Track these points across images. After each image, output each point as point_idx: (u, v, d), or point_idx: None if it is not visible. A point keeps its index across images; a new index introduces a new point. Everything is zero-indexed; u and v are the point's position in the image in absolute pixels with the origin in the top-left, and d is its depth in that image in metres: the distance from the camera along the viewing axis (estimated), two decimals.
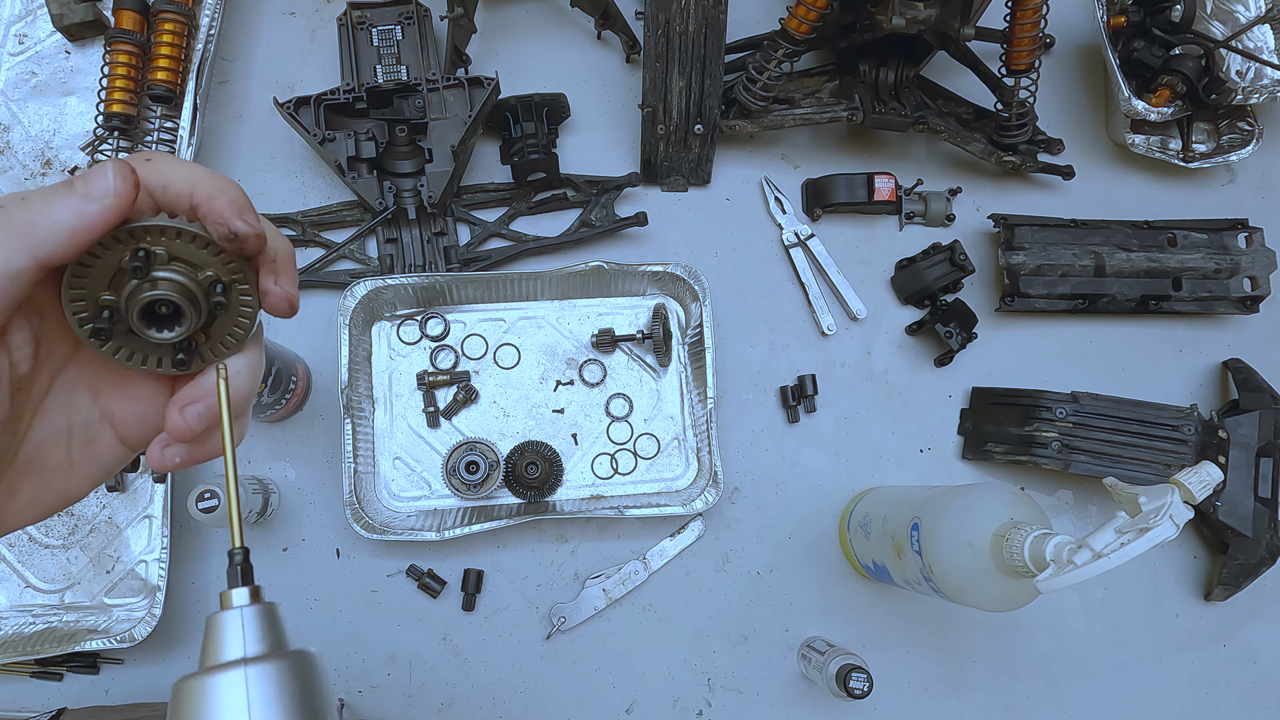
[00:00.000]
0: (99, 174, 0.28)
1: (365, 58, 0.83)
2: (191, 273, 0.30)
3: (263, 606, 0.29)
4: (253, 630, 0.28)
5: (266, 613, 0.29)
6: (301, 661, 0.28)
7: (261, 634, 0.28)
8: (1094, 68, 0.96)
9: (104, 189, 0.28)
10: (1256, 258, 0.87)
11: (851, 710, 0.80)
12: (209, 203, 0.29)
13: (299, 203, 0.85)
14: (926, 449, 0.85)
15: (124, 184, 0.28)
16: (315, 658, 0.29)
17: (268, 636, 0.28)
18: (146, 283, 0.29)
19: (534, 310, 0.83)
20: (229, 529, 0.29)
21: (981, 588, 0.59)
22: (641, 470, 0.81)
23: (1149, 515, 0.50)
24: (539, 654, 0.79)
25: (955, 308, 0.85)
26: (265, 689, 0.27)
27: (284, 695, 0.27)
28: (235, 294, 0.31)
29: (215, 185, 0.30)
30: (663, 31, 0.78)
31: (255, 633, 0.28)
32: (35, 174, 0.82)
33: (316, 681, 0.28)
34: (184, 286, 0.30)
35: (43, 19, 0.85)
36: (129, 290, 0.29)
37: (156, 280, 0.29)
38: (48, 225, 0.27)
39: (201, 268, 0.30)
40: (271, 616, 0.29)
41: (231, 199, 0.30)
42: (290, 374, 0.75)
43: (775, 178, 0.89)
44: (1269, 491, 0.81)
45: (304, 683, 0.28)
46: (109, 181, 0.28)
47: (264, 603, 0.29)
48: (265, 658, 0.27)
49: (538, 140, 0.83)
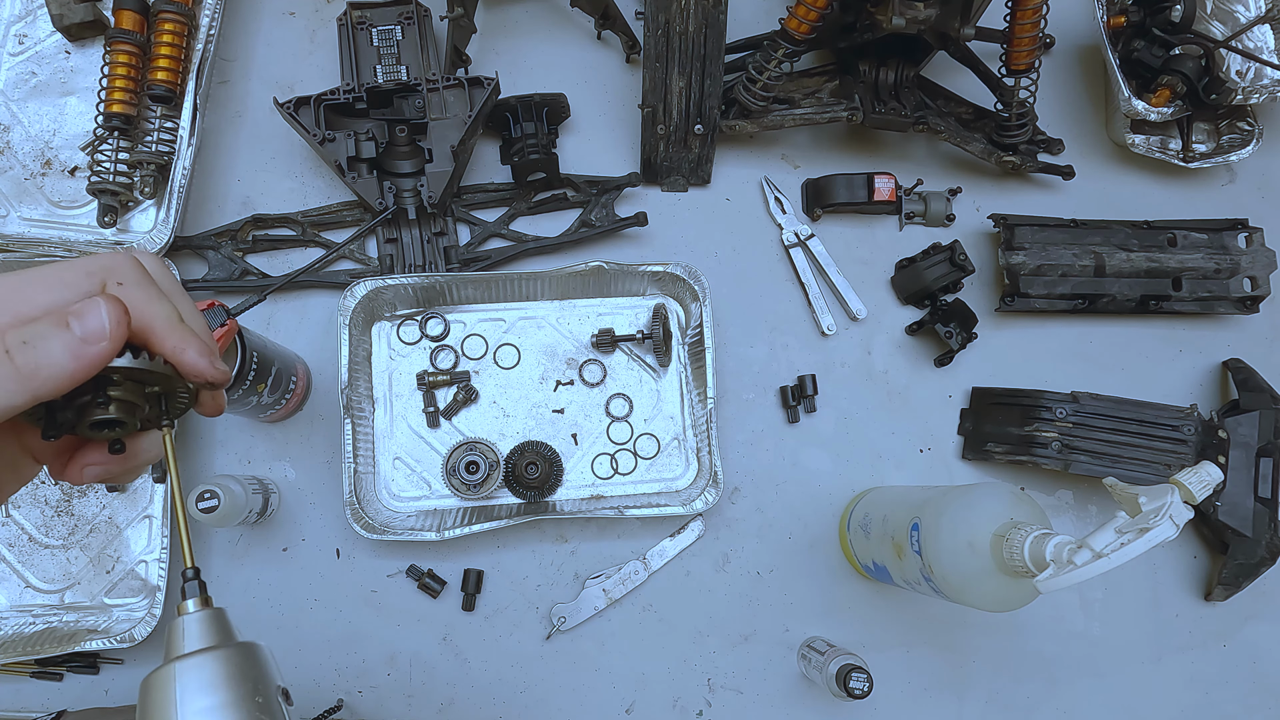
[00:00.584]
0: (93, 314, 0.29)
1: (365, 58, 0.83)
2: (139, 390, 0.33)
3: (207, 612, 0.33)
4: (193, 632, 0.32)
5: (210, 617, 0.33)
6: (236, 652, 0.32)
7: (201, 634, 0.32)
8: (1094, 68, 0.96)
9: (100, 332, 0.29)
10: (1256, 258, 0.87)
11: (851, 710, 0.80)
12: (179, 354, 0.32)
13: (299, 203, 0.85)
14: (926, 449, 0.85)
15: (119, 328, 0.30)
16: (256, 648, 0.33)
17: (209, 635, 0.32)
18: (101, 404, 0.32)
19: (534, 310, 0.83)
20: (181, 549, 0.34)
21: (981, 588, 0.59)
22: (641, 470, 0.81)
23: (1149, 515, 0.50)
24: (539, 654, 0.79)
25: (955, 308, 0.85)
26: (190, 677, 0.31)
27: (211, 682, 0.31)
28: (175, 401, 0.35)
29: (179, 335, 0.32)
30: (663, 31, 0.78)
31: (195, 634, 0.32)
32: (35, 174, 0.82)
33: (251, 667, 0.32)
34: (131, 405, 0.33)
35: (43, 19, 0.85)
36: (82, 403, 0.32)
37: (109, 399, 0.32)
38: (49, 370, 0.29)
39: (149, 385, 0.33)
40: (216, 620, 0.33)
41: (199, 349, 0.32)
42: (290, 374, 0.75)
43: (775, 178, 0.89)
44: (1269, 491, 0.81)
45: (235, 669, 0.31)
46: (104, 325, 0.29)
47: (210, 609, 0.33)
48: (197, 653, 0.31)
49: (538, 140, 0.83)
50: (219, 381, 0.33)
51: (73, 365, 0.29)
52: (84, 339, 0.29)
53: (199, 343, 0.33)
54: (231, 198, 0.85)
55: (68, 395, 0.31)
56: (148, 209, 0.82)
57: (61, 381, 0.29)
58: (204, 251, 0.82)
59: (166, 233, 0.78)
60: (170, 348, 0.32)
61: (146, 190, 0.80)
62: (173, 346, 0.32)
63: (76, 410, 0.32)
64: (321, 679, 0.77)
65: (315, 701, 0.77)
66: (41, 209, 0.82)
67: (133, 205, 0.82)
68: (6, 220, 0.81)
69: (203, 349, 0.32)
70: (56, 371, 0.29)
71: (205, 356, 0.33)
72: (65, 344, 0.29)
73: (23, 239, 0.79)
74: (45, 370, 0.28)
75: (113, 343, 0.30)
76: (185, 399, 0.35)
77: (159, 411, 0.34)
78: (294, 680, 0.77)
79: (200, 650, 0.31)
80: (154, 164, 0.80)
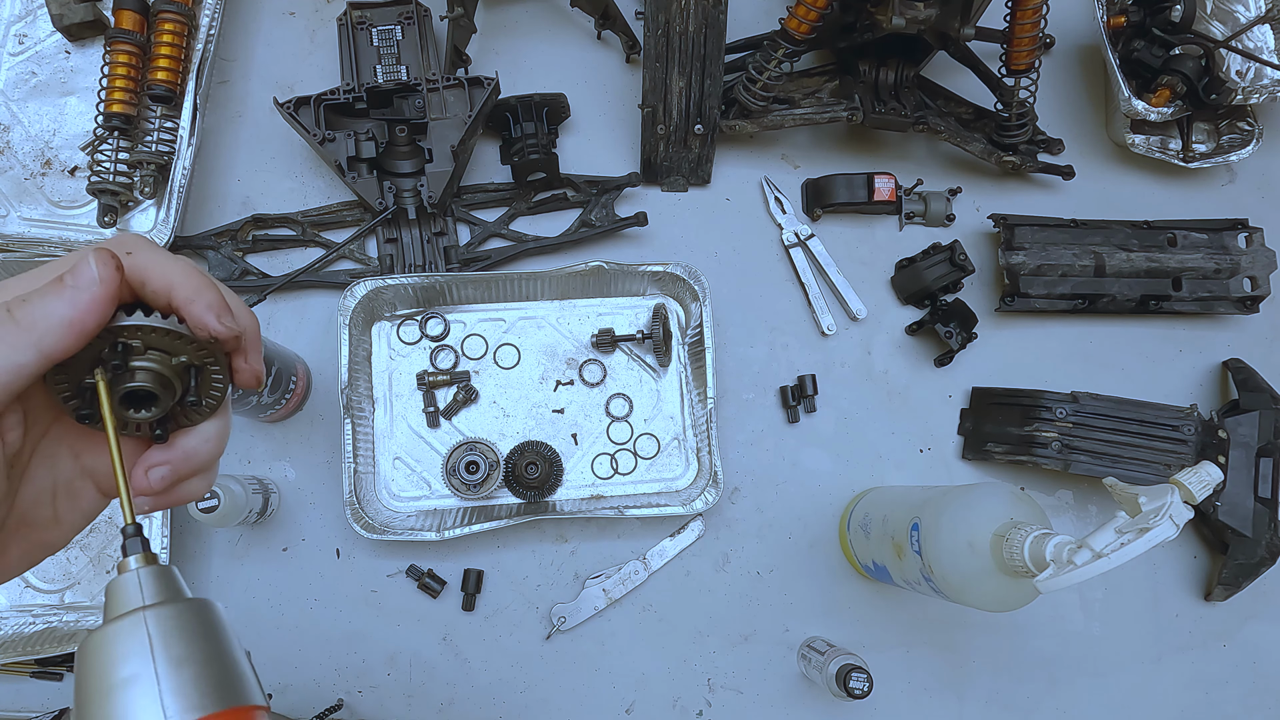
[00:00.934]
0: (83, 264, 0.30)
1: (365, 58, 0.83)
2: (166, 360, 0.32)
3: (158, 567, 0.30)
4: (150, 585, 0.29)
5: (163, 572, 0.30)
6: (201, 607, 0.29)
7: (159, 589, 0.30)
8: (1094, 68, 0.96)
9: (90, 277, 0.29)
10: (1256, 258, 0.87)
11: (851, 710, 0.80)
12: (187, 305, 0.32)
13: (299, 203, 0.85)
14: (926, 449, 0.85)
15: (108, 270, 0.30)
16: (213, 605, 0.30)
17: (166, 590, 0.30)
18: (126, 372, 0.32)
19: (534, 310, 0.83)
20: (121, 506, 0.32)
21: (981, 588, 0.59)
22: (641, 470, 0.81)
23: (1149, 515, 0.50)
24: (539, 654, 0.79)
25: (955, 308, 0.85)
26: (167, 627, 0.28)
27: (187, 631, 0.28)
28: (207, 374, 0.34)
29: (192, 288, 0.32)
30: (663, 31, 0.78)
31: (152, 587, 0.29)
32: (35, 174, 0.82)
33: (219, 624, 0.30)
34: (159, 374, 0.32)
35: (43, 19, 0.85)
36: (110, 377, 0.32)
37: (134, 370, 0.32)
38: (48, 321, 0.29)
39: (176, 354, 0.33)
40: (169, 575, 0.30)
41: (209, 302, 0.32)
42: (290, 374, 0.75)
43: (775, 178, 0.89)
44: (1269, 491, 0.81)
45: (204, 623, 0.29)
46: (93, 270, 0.30)
47: (160, 565, 0.31)
48: (164, 603, 0.29)
49: (538, 140, 0.83)
50: (225, 337, 0.32)
51: (69, 312, 0.29)
52: (76, 287, 0.29)
53: (211, 296, 0.32)
54: (231, 198, 0.85)
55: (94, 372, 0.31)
56: (148, 209, 0.82)
57: (61, 332, 0.29)
58: (204, 251, 0.82)
59: (166, 233, 0.78)
60: (180, 299, 0.32)
61: (146, 190, 0.80)
62: (183, 297, 0.32)
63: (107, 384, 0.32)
64: (321, 679, 0.77)
65: (315, 701, 0.77)
66: (41, 209, 0.82)
67: (133, 205, 0.82)
68: (6, 220, 0.81)
69: (214, 302, 0.32)
70: (56, 321, 0.29)
71: (214, 309, 0.32)
72: (59, 294, 0.29)
73: (23, 239, 0.79)
74: (44, 321, 0.29)
75: (104, 285, 0.30)
76: (218, 374, 0.34)
77: (192, 388, 0.33)
78: (294, 680, 0.77)
79: (167, 602, 0.29)
80: (154, 164, 0.80)
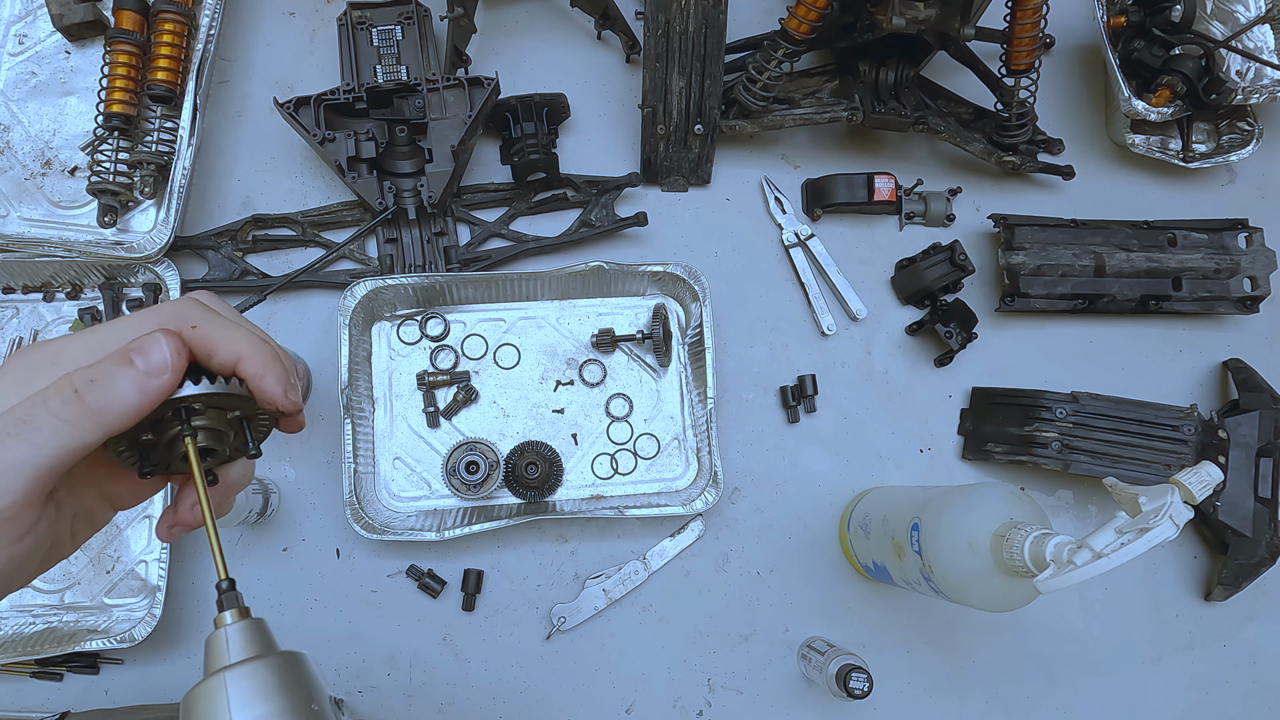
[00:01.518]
0: (154, 348, 0.31)
1: (365, 58, 0.83)
2: (222, 416, 0.34)
3: (248, 622, 0.32)
4: (236, 642, 0.31)
5: (252, 626, 0.32)
6: (284, 661, 0.31)
7: (246, 644, 0.31)
8: (1094, 68, 0.96)
9: (162, 364, 0.31)
10: (1256, 258, 0.87)
11: (851, 710, 0.80)
12: (258, 381, 0.33)
13: (299, 203, 0.85)
14: (926, 449, 0.85)
15: (179, 358, 0.31)
16: (301, 657, 0.32)
17: (253, 645, 0.31)
18: (187, 433, 0.33)
19: (534, 310, 0.83)
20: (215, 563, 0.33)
21: (981, 588, 0.59)
22: (641, 470, 0.81)
23: (1149, 515, 0.50)
24: (539, 654, 0.79)
25: (955, 308, 0.85)
26: (245, 687, 0.30)
27: (266, 689, 0.30)
28: (257, 423, 0.35)
29: (261, 362, 0.33)
30: (663, 31, 0.78)
31: (239, 644, 0.31)
32: (35, 174, 0.82)
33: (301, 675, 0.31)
34: (217, 433, 0.34)
35: (43, 19, 0.85)
36: (170, 437, 0.33)
37: (195, 430, 0.33)
38: (119, 406, 0.30)
39: (231, 410, 0.34)
40: (258, 630, 0.32)
41: (278, 376, 0.34)
42: None
43: (775, 178, 0.89)
44: (1269, 491, 0.81)
45: (286, 677, 0.30)
46: (165, 356, 0.31)
47: (250, 619, 0.32)
48: (245, 661, 0.31)
49: (538, 140, 0.83)
50: (290, 411, 0.34)
51: (139, 399, 0.30)
52: (147, 372, 0.30)
53: (279, 369, 0.34)
54: (231, 198, 0.85)
55: (157, 431, 0.33)
56: (148, 209, 0.82)
57: (129, 415, 0.30)
58: (204, 251, 0.82)
59: (166, 233, 0.78)
60: (250, 373, 0.33)
61: (146, 190, 0.80)
62: (253, 372, 0.33)
63: (167, 446, 0.34)
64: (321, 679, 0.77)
65: None
66: (41, 209, 0.82)
67: (133, 205, 0.82)
68: (6, 220, 0.81)
69: (280, 375, 0.34)
70: (124, 406, 0.30)
71: (282, 384, 0.34)
72: (130, 379, 0.30)
73: (23, 239, 0.79)
74: (114, 406, 0.30)
75: (174, 373, 0.31)
76: (266, 422, 0.36)
77: (244, 437, 0.35)
78: None
79: (248, 659, 0.31)
80: (154, 164, 0.80)
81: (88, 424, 0.29)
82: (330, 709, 0.31)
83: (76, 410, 0.29)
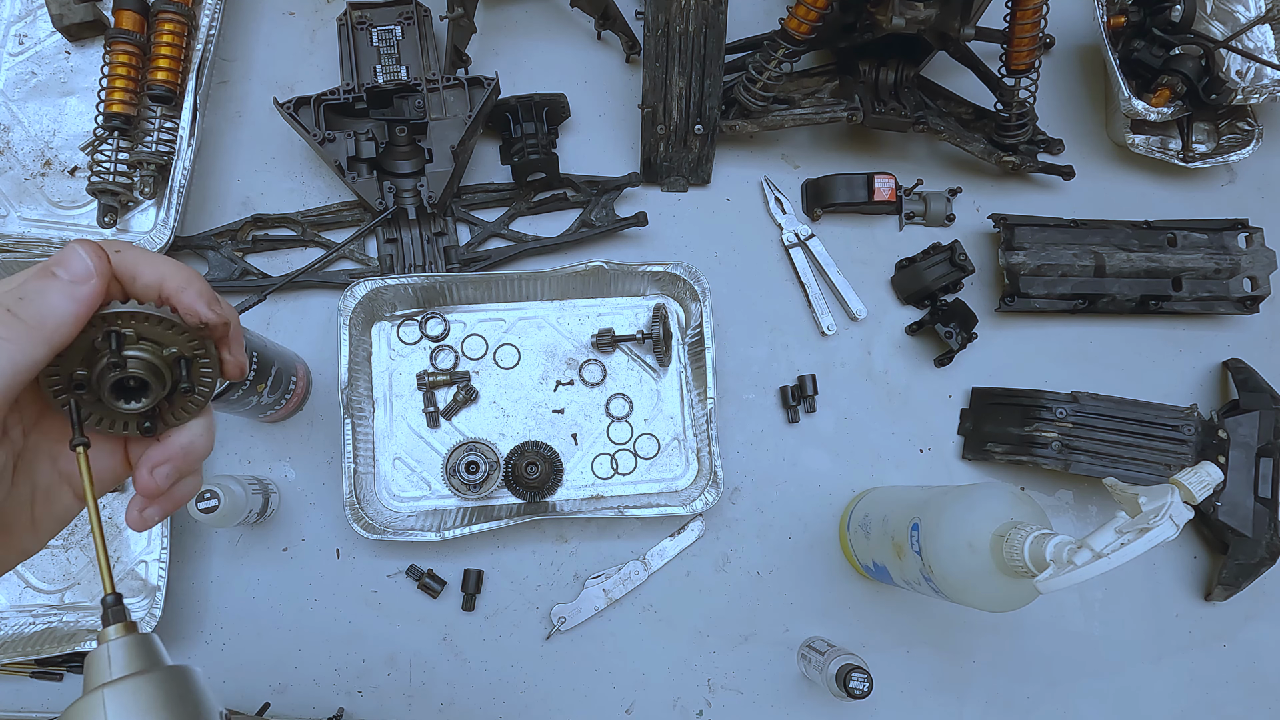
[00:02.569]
0: (73, 257, 0.30)
1: (365, 58, 0.83)
2: (157, 350, 0.33)
3: (133, 638, 0.31)
4: (119, 658, 0.30)
5: (137, 642, 0.31)
6: (167, 676, 0.30)
7: (129, 660, 0.30)
8: (1094, 68, 0.96)
9: (85, 270, 0.30)
10: (1256, 258, 0.87)
11: (851, 710, 0.80)
12: (179, 294, 0.33)
13: (299, 203, 0.85)
14: (926, 449, 0.85)
15: (100, 261, 0.31)
16: (188, 671, 0.31)
17: (136, 661, 0.31)
18: (117, 361, 0.32)
19: (534, 310, 0.83)
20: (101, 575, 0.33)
21: (981, 588, 0.59)
22: (641, 470, 0.81)
23: (1149, 515, 0.50)
24: (539, 654, 0.79)
25: (955, 308, 0.85)
26: (124, 702, 0.29)
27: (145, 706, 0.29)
28: (197, 365, 0.34)
29: (183, 278, 0.33)
30: (663, 31, 0.78)
31: (122, 660, 0.30)
32: (35, 174, 0.82)
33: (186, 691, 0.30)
34: (151, 364, 0.33)
35: (43, 19, 0.85)
36: (101, 367, 0.32)
37: (126, 359, 0.33)
38: (55, 316, 0.30)
39: (166, 345, 0.33)
40: (143, 645, 0.31)
41: (199, 290, 0.33)
42: (290, 374, 0.75)
43: (775, 178, 0.89)
44: (1269, 491, 0.81)
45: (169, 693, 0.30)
46: (86, 262, 0.31)
47: (135, 635, 0.31)
48: (125, 678, 0.30)
49: (538, 140, 0.83)
50: (216, 324, 0.34)
51: (72, 307, 0.30)
52: (73, 280, 0.30)
53: (201, 285, 0.33)
54: (231, 198, 0.85)
55: (90, 364, 0.32)
56: (148, 209, 0.82)
57: (67, 324, 0.30)
58: (204, 251, 0.82)
59: (166, 233, 0.78)
60: (171, 289, 0.33)
61: (146, 190, 0.80)
62: (174, 287, 0.33)
63: (99, 384, 0.33)
64: (321, 679, 0.77)
65: (316, 702, 0.77)
66: (41, 209, 0.82)
67: (133, 205, 0.82)
68: (6, 220, 0.81)
69: (204, 291, 0.33)
70: (60, 315, 0.30)
71: (204, 297, 0.33)
72: (58, 288, 0.30)
73: (23, 239, 0.79)
74: (50, 318, 0.30)
75: (100, 278, 0.31)
76: (208, 366, 0.34)
77: (183, 380, 0.34)
78: (294, 681, 0.77)
79: (129, 675, 0.30)
80: (154, 164, 0.80)
81: (28, 340, 0.29)
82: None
83: (15, 328, 0.29)
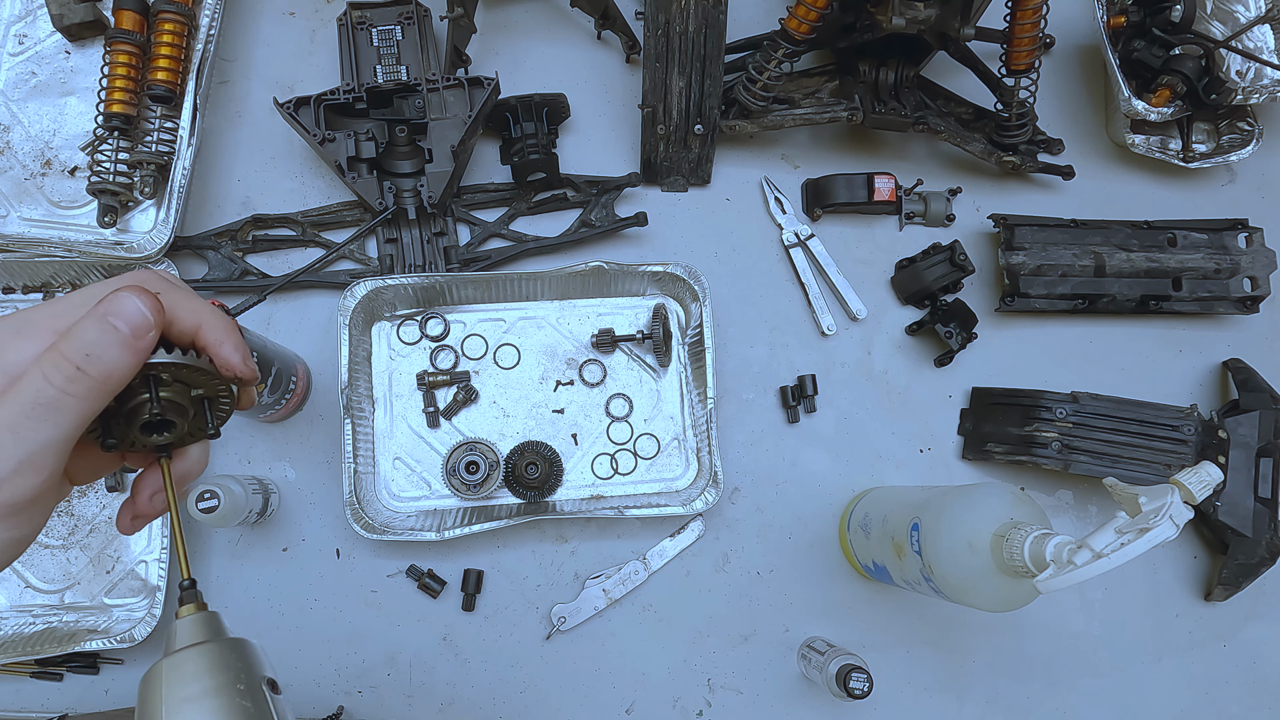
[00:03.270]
0: (131, 309, 0.31)
1: (365, 58, 0.83)
2: (185, 392, 0.35)
3: (199, 615, 0.35)
4: (184, 633, 0.34)
5: (202, 619, 0.35)
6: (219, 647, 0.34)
7: (191, 634, 0.34)
8: (1094, 68, 0.96)
9: (145, 323, 0.32)
10: (1256, 258, 0.87)
11: (851, 710, 0.80)
12: (218, 347, 0.35)
13: (299, 203, 0.85)
14: (926, 449, 0.85)
15: (157, 314, 0.32)
16: (242, 644, 0.35)
17: (198, 635, 0.34)
18: (153, 403, 0.34)
19: (534, 310, 0.83)
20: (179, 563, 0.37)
21: (981, 588, 0.59)
22: (641, 470, 0.81)
23: (1149, 515, 0.50)
24: (539, 654, 0.79)
25: (955, 308, 0.85)
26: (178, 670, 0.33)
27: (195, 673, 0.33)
28: (218, 403, 0.37)
29: (221, 329, 0.35)
30: (663, 31, 0.78)
31: (185, 634, 0.34)
32: (35, 174, 0.82)
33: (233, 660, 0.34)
34: (179, 405, 0.35)
35: (43, 19, 0.85)
36: (134, 405, 0.34)
37: (159, 399, 0.34)
38: (120, 373, 0.31)
39: (195, 386, 0.36)
40: (207, 622, 0.35)
41: (235, 344, 0.35)
42: (290, 374, 0.75)
43: (775, 178, 0.89)
44: (1269, 491, 0.81)
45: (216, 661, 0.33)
46: (146, 315, 0.32)
47: (203, 613, 0.35)
48: (183, 649, 0.34)
49: (538, 140, 0.83)
50: (249, 378, 0.36)
51: (134, 360, 0.32)
52: (134, 334, 0.31)
53: (237, 338, 0.35)
54: (231, 198, 0.85)
55: (119, 399, 0.34)
56: (148, 209, 0.82)
57: (127, 378, 0.32)
58: (204, 251, 0.82)
59: (166, 233, 0.78)
60: (210, 340, 0.35)
61: (146, 190, 0.80)
62: (213, 339, 0.35)
63: (127, 416, 0.35)
64: (321, 679, 0.77)
65: (316, 702, 0.77)
66: (41, 209, 0.82)
67: (133, 205, 0.82)
68: (6, 220, 0.81)
69: (239, 344, 0.35)
70: (125, 370, 0.31)
71: (240, 352, 0.35)
72: (121, 343, 0.31)
73: (23, 239, 0.79)
74: (115, 374, 0.31)
75: (157, 330, 0.32)
76: (226, 403, 0.37)
77: (204, 417, 0.36)
78: (294, 681, 0.77)
79: (186, 646, 0.34)
80: (154, 164, 0.80)
81: (98, 395, 0.31)
82: (262, 690, 0.34)
83: (87, 385, 0.30)
